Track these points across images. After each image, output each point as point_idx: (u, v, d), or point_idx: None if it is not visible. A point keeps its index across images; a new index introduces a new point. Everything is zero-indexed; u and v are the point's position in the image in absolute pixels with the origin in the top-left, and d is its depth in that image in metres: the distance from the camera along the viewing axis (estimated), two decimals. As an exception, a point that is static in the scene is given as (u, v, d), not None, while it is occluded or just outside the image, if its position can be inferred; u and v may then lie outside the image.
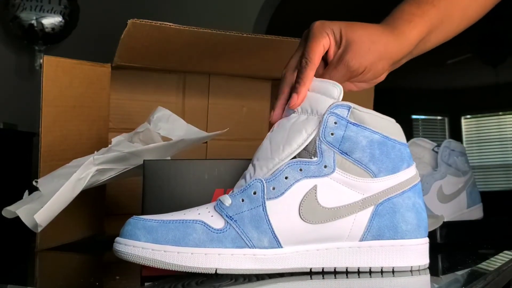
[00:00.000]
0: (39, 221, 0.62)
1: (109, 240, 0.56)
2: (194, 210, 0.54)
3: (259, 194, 0.53)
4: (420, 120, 6.08)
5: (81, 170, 0.65)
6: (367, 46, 0.59)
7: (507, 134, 5.84)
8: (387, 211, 0.54)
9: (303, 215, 0.52)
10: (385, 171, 0.54)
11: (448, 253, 0.73)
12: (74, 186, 0.65)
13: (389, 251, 0.54)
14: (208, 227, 0.52)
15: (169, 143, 0.72)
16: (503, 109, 5.73)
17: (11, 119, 2.33)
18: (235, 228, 0.52)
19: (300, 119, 0.56)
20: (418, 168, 0.95)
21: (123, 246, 0.51)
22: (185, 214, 0.54)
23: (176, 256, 0.50)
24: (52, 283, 0.60)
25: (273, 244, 0.52)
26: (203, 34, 0.81)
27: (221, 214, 0.53)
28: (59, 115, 0.79)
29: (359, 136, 0.54)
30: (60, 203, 0.65)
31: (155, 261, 0.50)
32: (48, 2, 2.61)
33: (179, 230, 0.51)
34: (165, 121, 0.77)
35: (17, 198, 0.67)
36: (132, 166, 0.70)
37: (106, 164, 0.68)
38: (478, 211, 1.00)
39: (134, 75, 0.96)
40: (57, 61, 0.79)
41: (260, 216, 0.52)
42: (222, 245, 0.51)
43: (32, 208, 0.63)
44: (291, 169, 0.53)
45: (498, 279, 0.57)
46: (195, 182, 0.61)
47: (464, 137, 5.99)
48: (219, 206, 0.53)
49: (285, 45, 0.88)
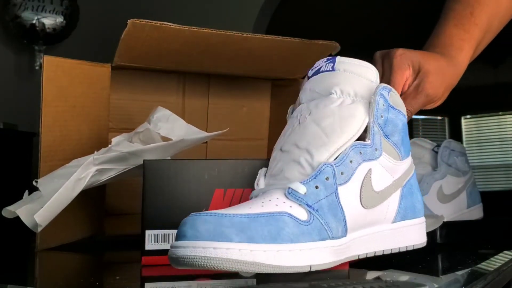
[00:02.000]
0: (39, 221, 0.62)
1: (109, 240, 0.55)
2: (254, 202, 0.49)
3: (331, 180, 0.50)
4: (420, 120, 6.08)
5: (81, 170, 0.65)
6: (441, 78, 0.65)
7: (507, 134, 5.84)
8: (408, 192, 0.56)
9: (362, 200, 0.51)
10: (405, 154, 0.56)
11: (448, 253, 0.73)
12: (74, 186, 0.65)
13: (411, 230, 0.56)
14: (295, 219, 0.47)
15: (169, 143, 0.71)
16: (503, 109, 5.72)
17: (11, 119, 2.33)
18: (319, 218, 0.48)
19: (346, 102, 0.54)
20: (418, 168, 0.95)
21: (209, 251, 0.41)
22: (251, 207, 0.47)
23: (275, 256, 0.44)
24: (52, 283, 0.60)
25: (343, 233, 0.50)
26: (203, 34, 0.81)
27: (300, 204, 0.48)
28: (59, 115, 0.79)
29: (397, 119, 0.55)
30: (60, 203, 0.65)
31: (256, 265, 0.43)
32: (50, 2, 2.62)
33: (272, 225, 0.45)
34: (165, 121, 0.77)
35: (17, 198, 0.67)
36: (132, 166, 0.70)
37: (106, 164, 0.67)
38: (478, 211, 0.99)
39: (134, 75, 0.96)
40: (57, 61, 0.79)
41: (335, 204, 0.49)
42: (311, 238, 0.47)
43: (32, 208, 0.63)
44: (355, 152, 0.52)
45: (498, 279, 0.57)
46: (195, 182, 0.61)
47: (464, 137, 5.99)
48: (293, 195, 0.49)
49: (285, 45, 0.88)
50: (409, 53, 0.65)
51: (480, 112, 5.95)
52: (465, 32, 0.70)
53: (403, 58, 0.64)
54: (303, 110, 0.55)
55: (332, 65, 0.55)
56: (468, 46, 0.70)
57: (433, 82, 0.65)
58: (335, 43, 0.90)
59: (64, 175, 0.66)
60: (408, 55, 0.65)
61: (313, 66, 0.58)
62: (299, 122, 0.54)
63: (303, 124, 0.53)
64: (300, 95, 0.58)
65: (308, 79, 0.58)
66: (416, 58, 0.65)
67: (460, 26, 0.71)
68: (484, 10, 0.73)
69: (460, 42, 0.70)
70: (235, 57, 0.92)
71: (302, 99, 0.57)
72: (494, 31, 0.76)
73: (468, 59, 0.71)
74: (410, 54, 0.65)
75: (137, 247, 0.61)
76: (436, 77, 0.65)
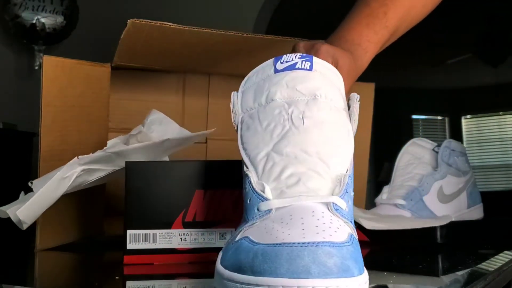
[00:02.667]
0: (22, 218, 0.63)
1: (109, 240, 0.56)
2: (307, 224, 0.39)
3: (351, 193, 0.45)
4: (420, 120, 6.08)
5: (65, 169, 0.65)
6: (346, 76, 0.64)
7: (507, 134, 5.84)
8: None
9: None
10: None
11: (448, 253, 0.73)
12: (58, 185, 0.65)
13: None
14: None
15: (154, 143, 0.71)
16: (503, 109, 5.72)
17: (10, 119, 2.33)
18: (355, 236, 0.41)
19: (333, 109, 0.50)
20: (418, 168, 0.95)
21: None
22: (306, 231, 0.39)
23: None
24: (51, 283, 0.60)
25: None
26: (203, 34, 0.81)
27: (345, 222, 0.42)
28: (59, 115, 0.79)
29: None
30: (43, 201, 0.65)
31: None
32: (50, 2, 2.61)
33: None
34: (158, 124, 0.77)
35: (17, 198, 0.67)
36: (120, 167, 0.69)
37: (92, 164, 0.67)
38: (478, 211, 0.99)
39: (134, 75, 0.96)
40: (57, 61, 0.79)
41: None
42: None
43: (20, 207, 0.64)
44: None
45: (499, 279, 0.57)
46: (175, 183, 0.61)
47: (465, 137, 5.99)
48: (339, 211, 0.42)
49: (285, 45, 0.88)
50: (331, 50, 0.66)
51: (480, 112, 5.96)
52: (375, 33, 0.71)
53: (327, 54, 0.65)
54: (292, 109, 0.48)
55: (309, 64, 0.50)
56: (373, 49, 0.71)
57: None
58: (335, 43, 0.90)
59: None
60: (331, 51, 0.66)
61: (281, 59, 0.51)
62: (292, 123, 0.47)
63: (301, 127, 0.47)
64: (269, 86, 0.51)
65: (276, 71, 0.51)
66: (335, 55, 0.65)
67: (371, 26, 0.71)
68: (397, 12, 0.73)
69: (367, 44, 0.70)
70: (235, 57, 0.92)
71: (276, 93, 0.50)
72: (398, 35, 0.76)
73: (369, 62, 0.71)
74: (332, 50, 0.66)
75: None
76: (345, 75, 0.62)
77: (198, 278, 0.52)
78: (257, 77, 0.53)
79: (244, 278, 0.37)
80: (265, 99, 0.50)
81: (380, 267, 0.57)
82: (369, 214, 0.84)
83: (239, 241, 0.41)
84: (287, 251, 0.36)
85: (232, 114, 0.53)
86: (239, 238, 0.41)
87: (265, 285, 0.36)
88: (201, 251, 0.61)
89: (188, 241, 0.61)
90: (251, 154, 0.48)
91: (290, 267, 0.35)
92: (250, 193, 0.45)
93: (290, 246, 0.36)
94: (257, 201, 0.44)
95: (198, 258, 0.61)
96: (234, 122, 0.52)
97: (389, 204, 0.92)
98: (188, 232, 0.61)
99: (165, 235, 0.61)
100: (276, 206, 0.43)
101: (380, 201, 0.94)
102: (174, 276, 0.51)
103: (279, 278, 0.35)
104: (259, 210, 0.43)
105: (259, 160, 0.47)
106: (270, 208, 0.43)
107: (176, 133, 0.77)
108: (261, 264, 0.36)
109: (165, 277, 0.52)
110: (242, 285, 0.37)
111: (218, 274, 0.41)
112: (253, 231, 0.41)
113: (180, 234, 0.61)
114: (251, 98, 0.52)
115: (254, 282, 0.36)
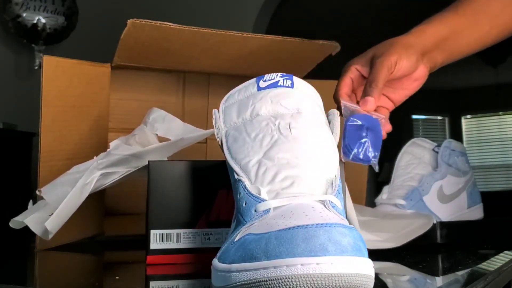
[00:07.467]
0: (50, 228, 0.64)
1: (109, 240, 0.56)
2: (311, 215, 0.41)
3: (342, 195, 0.48)
4: (420, 120, 6.08)
5: (86, 175, 0.66)
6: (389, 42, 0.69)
7: (507, 134, 5.84)
8: None
9: None
10: None
11: (448, 253, 0.73)
12: (81, 192, 0.66)
13: None
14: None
15: (169, 143, 0.72)
16: (503, 109, 5.73)
17: (10, 119, 2.33)
18: None
19: (317, 122, 0.53)
20: (419, 168, 0.94)
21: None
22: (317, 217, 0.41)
23: None
24: (52, 283, 0.60)
25: None
26: (203, 34, 0.81)
27: (342, 218, 0.44)
28: (59, 115, 0.79)
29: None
30: (69, 209, 0.66)
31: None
32: (52, 2, 2.62)
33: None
34: (161, 122, 0.77)
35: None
36: (135, 168, 0.70)
37: (110, 168, 0.68)
38: (478, 211, 0.99)
39: (134, 75, 0.96)
40: (57, 61, 0.79)
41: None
42: None
43: (40, 217, 0.65)
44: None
45: (499, 279, 0.57)
46: (199, 183, 0.61)
47: (465, 137, 5.99)
48: (336, 208, 0.44)
49: (285, 45, 0.88)
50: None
51: (480, 112, 5.96)
52: (441, 15, 0.74)
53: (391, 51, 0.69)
54: (279, 121, 0.50)
55: (290, 82, 0.53)
56: (439, 22, 0.74)
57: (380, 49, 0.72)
58: (335, 43, 0.90)
59: (66, 182, 0.67)
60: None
61: (263, 77, 0.54)
62: (280, 133, 0.49)
63: (290, 136, 0.49)
64: (253, 102, 0.53)
65: (259, 88, 0.54)
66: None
67: (439, 13, 0.74)
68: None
69: (430, 19, 0.74)
70: (235, 57, 0.92)
71: (261, 108, 0.52)
72: (487, 29, 0.76)
73: (436, 33, 0.74)
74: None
75: (137, 247, 0.61)
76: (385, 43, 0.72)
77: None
78: (239, 95, 0.55)
79: (259, 264, 0.37)
80: (249, 114, 0.52)
81: (380, 267, 0.57)
82: (366, 216, 0.84)
83: (241, 239, 0.41)
84: (302, 232, 0.37)
85: (215, 129, 0.55)
86: (240, 237, 0.42)
87: (284, 265, 0.36)
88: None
89: (212, 240, 0.61)
90: (241, 162, 0.48)
91: (307, 246, 0.36)
92: (245, 196, 0.45)
93: (305, 227, 0.37)
94: (253, 203, 0.44)
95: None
96: (217, 136, 0.54)
97: (389, 204, 0.92)
98: (212, 231, 0.61)
99: (189, 235, 0.61)
100: (274, 205, 0.43)
101: (380, 201, 0.94)
102: (196, 276, 0.51)
103: (296, 257, 0.36)
104: (257, 211, 0.43)
105: (251, 166, 0.47)
106: (268, 208, 0.43)
107: (181, 129, 0.77)
108: (275, 247, 0.37)
109: (189, 277, 0.52)
110: (256, 271, 0.37)
111: (220, 271, 0.41)
112: (254, 228, 0.41)
113: (204, 234, 0.61)
114: (234, 114, 0.54)
115: (271, 265, 0.36)
